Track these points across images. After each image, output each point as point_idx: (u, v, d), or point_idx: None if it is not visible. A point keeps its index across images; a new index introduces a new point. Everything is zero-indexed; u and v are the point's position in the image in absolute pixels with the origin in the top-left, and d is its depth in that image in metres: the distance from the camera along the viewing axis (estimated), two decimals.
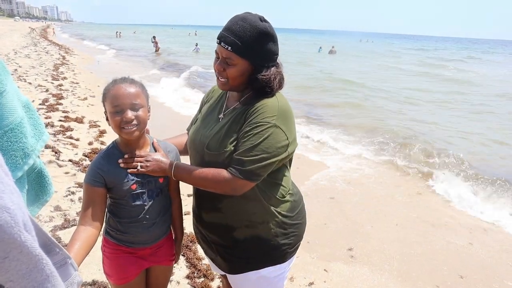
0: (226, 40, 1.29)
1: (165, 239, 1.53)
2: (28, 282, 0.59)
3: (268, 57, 1.34)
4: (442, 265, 3.17)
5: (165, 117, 7.10)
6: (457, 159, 5.73)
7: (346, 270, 2.98)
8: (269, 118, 1.28)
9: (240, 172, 1.26)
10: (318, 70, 17.91)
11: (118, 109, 1.27)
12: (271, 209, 1.40)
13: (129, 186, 1.34)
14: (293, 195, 1.49)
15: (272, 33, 1.33)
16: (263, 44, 1.30)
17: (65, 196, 3.45)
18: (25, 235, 0.56)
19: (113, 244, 1.44)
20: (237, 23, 1.29)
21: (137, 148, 1.39)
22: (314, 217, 3.77)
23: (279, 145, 1.28)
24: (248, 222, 1.41)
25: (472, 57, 37.57)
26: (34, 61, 13.77)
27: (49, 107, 6.66)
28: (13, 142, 0.97)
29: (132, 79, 1.34)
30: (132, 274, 1.46)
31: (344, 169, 5.36)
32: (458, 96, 12.76)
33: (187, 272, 2.60)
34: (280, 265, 1.47)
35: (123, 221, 1.39)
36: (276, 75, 1.35)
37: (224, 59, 1.32)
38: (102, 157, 1.36)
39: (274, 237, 1.42)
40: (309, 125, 7.76)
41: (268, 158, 1.27)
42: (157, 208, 1.42)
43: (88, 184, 1.31)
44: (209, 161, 1.36)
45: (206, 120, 1.49)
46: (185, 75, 13.30)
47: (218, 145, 1.34)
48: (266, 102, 1.32)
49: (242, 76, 1.33)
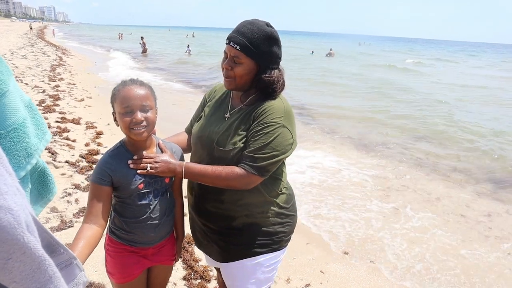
0: (236, 40, 1.39)
1: (168, 239, 1.55)
2: (31, 283, 0.59)
3: (272, 60, 1.44)
4: (442, 265, 3.19)
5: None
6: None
7: (342, 271, 2.99)
8: (277, 119, 1.38)
9: (253, 168, 1.35)
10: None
11: (128, 110, 1.29)
12: (271, 200, 1.50)
13: (137, 185, 1.36)
14: (288, 189, 1.60)
15: (277, 38, 1.44)
16: (269, 47, 1.41)
17: (62, 198, 3.44)
18: (28, 236, 0.57)
19: (117, 243, 1.45)
20: (246, 26, 1.40)
21: (144, 148, 1.40)
22: (312, 218, 3.79)
23: (286, 143, 1.39)
24: (248, 212, 1.49)
25: (439, 59, 38.87)
26: (31, 62, 13.71)
27: (45, 108, 6.64)
28: (16, 142, 0.97)
29: (142, 81, 1.37)
30: (135, 273, 1.48)
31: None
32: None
33: (183, 273, 2.61)
34: (275, 252, 1.55)
35: (129, 220, 1.40)
36: (279, 78, 1.45)
37: (232, 58, 1.41)
38: (110, 156, 1.37)
39: (272, 225, 1.52)
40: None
41: (278, 155, 1.37)
42: (162, 207, 1.44)
43: (94, 183, 1.32)
44: (219, 157, 1.43)
45: (212, 118, 1.54)
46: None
47: (228, 142, 1.41)
48: (272, 104, 1.42)
49: (248, 75, 1.42)
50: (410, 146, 6.93)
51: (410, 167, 5.79)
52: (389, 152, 6.46)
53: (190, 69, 17.27)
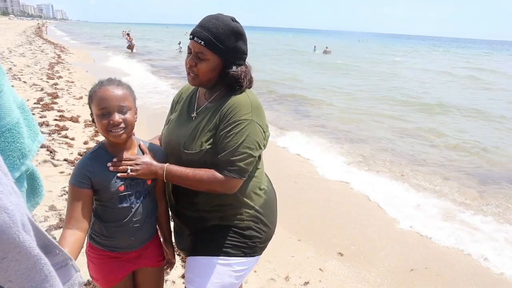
0: (200, 35, 1.34)
1: (151, 241, 1.51)
2: (27, 282, 0.59)
3: (238, 55, 1.40)
4: (443, 264, 3.20)
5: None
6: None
7: (341, 269, 3.00)
8: (246, 115, 1.35)
9: (232, 171, 1.32)
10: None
11: (105, 111, 1.25)
12: (245, 202, 1.46)
13: (117, 187, 1.31)
14: (266, 193, 1.54)
15: (243, 33, 1.41)
16: (234, 42, 1.37)
17: (60, 196, 3.43)
18: (23, 235, 0.56)
19: (98, 250, 1.42)
20: (210, 21, 1.36)
21: (124, 149, 1.36)
22: (310, 216, 3.80)
23: (259, 138, 1.37)
24: (222, 214, 1.46)
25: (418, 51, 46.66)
26: (29, 60, 13.66)
27: (44, 106, 6.62)
28: (10, 143, 0.96)
29: (119, 81, 1.32)
30: (119, 278, 1.45)
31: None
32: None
33: (182, 271, 2.60)
34: (248, 258, 1.48)
35: (109, 225, 1.36)
36: (246, 73, 1.42)
37: (196, 54, 1.37)
38: (89, 158, 1.32)
39: (246, 229, 1.47)
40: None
41: (253, 154, 1.35)
42: (145, 210, 1.40)
43: (73, 186, 1.28)
44: (187, 160, 1.39)
45: (179, 120, 1.51)
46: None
47: (194, 144, 1.38)
48: (238, 99, 1.38)
49: (213, 71, 1.38)
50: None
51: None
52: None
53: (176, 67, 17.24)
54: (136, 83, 9.94)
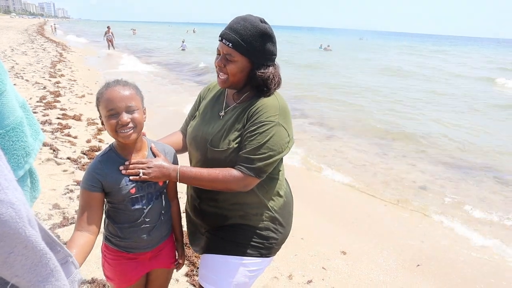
0: (228, 37, 1.35)
1: (166, 241, 1.52)
2: (33, 276, 0.59)
3: (266, 56, 1.39)
4: (443, 264, 3.19)
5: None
6: None
7: (344, 267, 2.99)
8: (272, 117, 1.34)
9: (250, 169, 1.32)
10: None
11: (113, 112, 1.25)
12: (266, 203, 1.46)
13: (128, 190, 1.32)
14: (286, 194, 1.55)
15: (272, 34, 1.39)
16: (262, 43, 1.36)
17: (64, 194, 3.44)
18: (29, 230, 0.56)
19: (114, 251, 1.42)
20: (238, 23, 1.36)
21: (135, 151, 1.36)
22: (313, 215, 3.79)
23: (282, 142, 1.36)
24: (243, 213, 1.46)
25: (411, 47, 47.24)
26: (31, 58, 13.69)
27: (46, 104, 6.63)
28: (15, 141, 0.96)
29: (126, 81, 1.32)
30: (134, 278, 1.46)
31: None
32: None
33: (186, 270, 2.60)
34: (263, 258, 1.49)
35: (122, 226, 1.36)
36: (275, 75, 1.41)
37: (225, 56, 1.37)
38: (100, 161, 1.32)
39: (264, 229, 1.47)
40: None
41: (274, 155, 1.34)
42: (157, 211, 1.41)
43: (85, 190, 1.28)
44: (212, 158, 1.40)
45: (206, 117, 1.51)
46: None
47: (222, 142, 1.38)
48: (266, 102, 1.38)
49: (242, 72, 1.38)
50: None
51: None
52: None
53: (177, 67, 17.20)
54: (142, 84, 9.96)
